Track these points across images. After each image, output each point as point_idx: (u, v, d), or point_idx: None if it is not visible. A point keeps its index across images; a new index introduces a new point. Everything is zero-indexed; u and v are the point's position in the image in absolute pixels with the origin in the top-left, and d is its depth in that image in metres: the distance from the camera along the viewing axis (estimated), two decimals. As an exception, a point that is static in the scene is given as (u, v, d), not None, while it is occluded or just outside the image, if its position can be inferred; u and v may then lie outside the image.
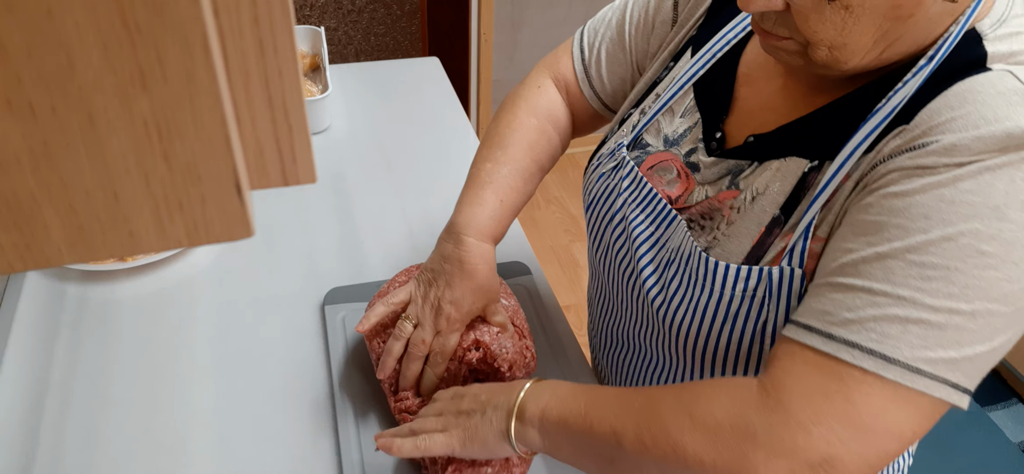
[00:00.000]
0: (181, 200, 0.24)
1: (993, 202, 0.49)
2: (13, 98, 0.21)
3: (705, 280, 0.65)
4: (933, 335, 0.50)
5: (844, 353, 0.52)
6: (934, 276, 0.50)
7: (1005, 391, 2.18)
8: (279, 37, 0.24)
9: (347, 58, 3.44)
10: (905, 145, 0.54)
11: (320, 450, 0.83)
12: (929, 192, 0.51)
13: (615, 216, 0.76)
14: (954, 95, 0.53)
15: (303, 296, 1.01)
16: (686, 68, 0.75)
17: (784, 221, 0.61)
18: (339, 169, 1.28)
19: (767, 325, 0.62)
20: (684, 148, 0.73)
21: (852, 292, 0.53)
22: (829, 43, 0.55)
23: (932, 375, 0.51)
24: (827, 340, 0.53)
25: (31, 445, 0.81)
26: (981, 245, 0.49)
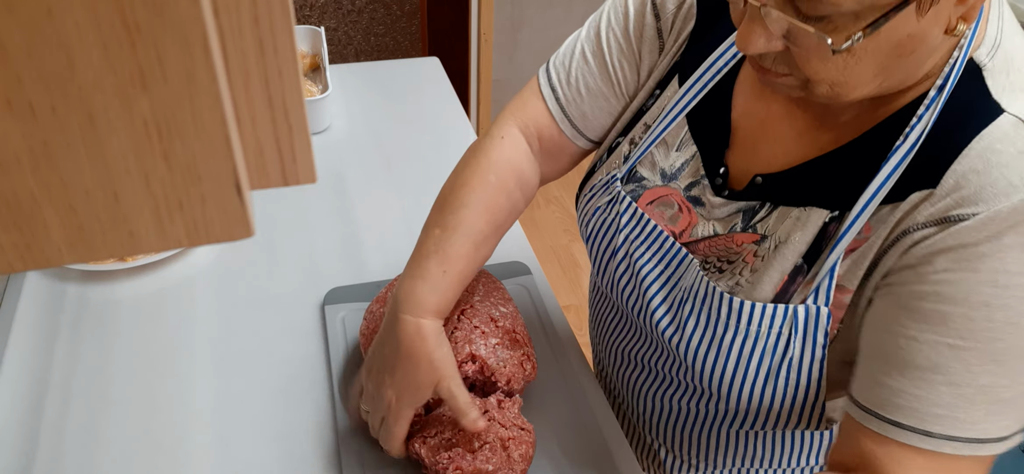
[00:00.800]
0: (181, 200, 0.24)
1: None
2: (13, 98, 0.21)
3: (727, 319, 0.66)
4: (1009, 408, 0.56)
5: (945, 447, 0.56)
6: (1007, 359, 0.54)
7: (1005, 391, 2.17)
8: (279, 37, 0.24)
9: (347, 58, 3.44)
10: (937, 216, 0.55)
11: (320, 450, 0.83)
12: (984, 278, 0.53)
13: (618, 252, 0.75)
14: (977, 157, 0.54)
15: (303, 296, 1.01)
16: (676, 98, 0.72)
17: (807, 269, 0.63)
18: (339, 169, 1.28)
19: (792, 362, 0.64)
20: (683, 182, 0.72)
21: (937, 388, 0.56)
22: (831, 81, 0.55)
23: (1010, 437, 0.57)
24: (925, 437, 0.57)
25: (31, 445, 0.81)
26: None
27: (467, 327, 0.81)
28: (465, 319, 0.82)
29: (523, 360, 0.82)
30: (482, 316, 0.83)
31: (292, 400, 0.88)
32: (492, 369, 0.80)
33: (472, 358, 0.80)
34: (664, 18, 0.74)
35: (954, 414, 0.56)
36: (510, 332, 0.83)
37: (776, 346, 0.64)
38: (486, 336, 0.81)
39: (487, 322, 0.82)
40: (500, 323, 0.83)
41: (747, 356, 0.65)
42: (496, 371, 0.80)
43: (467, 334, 0.81)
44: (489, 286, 0.88)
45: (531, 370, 0.83)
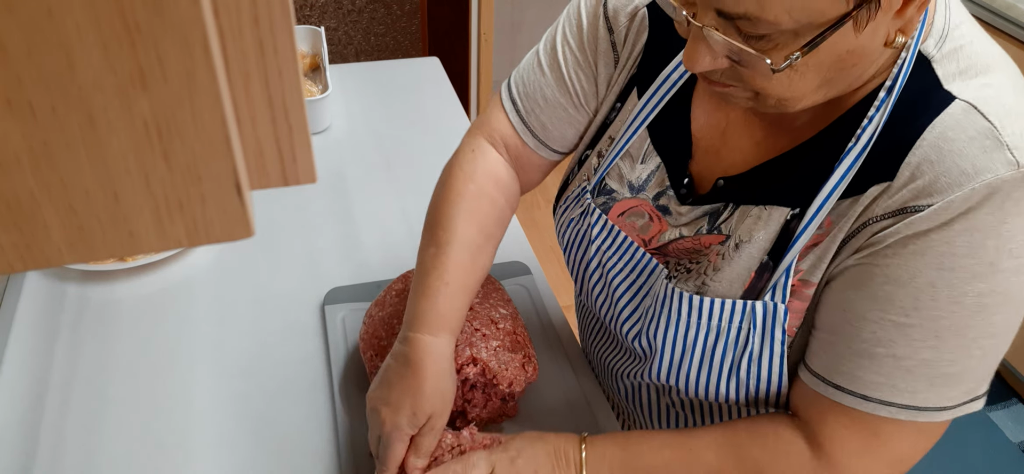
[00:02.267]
0: (181, 200, 0.24)
1: (987, 259, 0.55)
2: (13, 98, 0.21)
3: (689, 316, 0.68)
4: (953, 380, 0.59)
5: (881, 411, 0.60)
6: (949, 335, 0.57)
7: (1005, 391, 2.18)
8: (279, 37, 0.24)
9: (347, 58, 3.44)
10: (896, 206, 0.57)
11: (320, 450, 0.83)
12: (931, 262, 0.56)
13: (590, 263, 0.77)
14: (931, 147, 0.56)
15: (303, 296, 1.01)
16: (636, 110, 0.73)
17: (773, 266, 0.64)
18: (339, 169, 1.28)
19: (751, 354, 0.67)
20: (651, 193, 0.73)
21: (880, 360, 0.59)
22: (777, 96, 0.57)
23: (953, 406, 0.60)
24: (865, 401, 0.60)
25: (31, 445, 0.81)
26: (984, 300, 0.56)
27: (468, 330, 0.81)
28: (466, 322, 0.81)
29: (524, 362, 0.82)
30: (482, 318, 0.83)
31: (292, 400, 0.88)
32: (494, 372, 0.79)
33: (473, 361, 0.79)
34: (617, 31, 0.74)
35: (892, 382, 0.59)
36: (511, 334, 0.83)
37: (737, 342, 0.66)
38: (487, 338, 0.81)
39: (487, 324, 0.82)
40: (501, 325, 0.83)
41: (710, 351, 0.68)
42: (498, 374, 0.79)
43: (468, 337, 0.80)
44: (488, 288, 0.88)
45: (532, 372, 0.82)
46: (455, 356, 0.76)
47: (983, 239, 0.54)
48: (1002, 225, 0.54)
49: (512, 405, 0.84)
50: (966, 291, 0.55)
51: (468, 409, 0.82)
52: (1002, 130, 0.54)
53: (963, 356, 0.58)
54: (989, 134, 0.54)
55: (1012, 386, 2.19)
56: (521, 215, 2.72)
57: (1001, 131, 0.54)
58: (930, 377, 0.58)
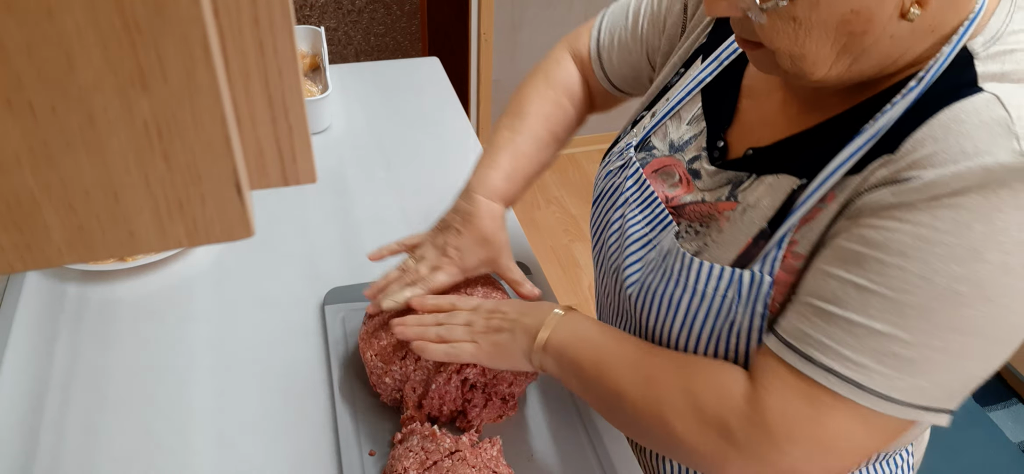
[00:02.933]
0: (181, 200, 0.24)
1: (970, 244, 0.50)
2: (13, 98, 0.21)
3: (679, 275, 0.67)
4: (906, 367, 0.53)
5: (821, 377, 0.56)
6: (911, 314, 0.52)
7: (1005, 391, 2.18)
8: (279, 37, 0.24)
9: (347, 58, 3.44)
10: (890, 177, 0.54)
11: (320, 450, 0.83)
12: (909, 230, 0.52)
13: (614, 213, 0.79)
14: (939, 124, 0.53)
15: (303, 296, 1.01)
16: (695, 74, 0.76)
17: (770, 234, 0.63)
18: (339, 169, 1.28)
19: (734, 326, 0.64)
20: (688, 155, 0.74)
21: (832, 320, 0.56)
22: (788, 53, 0.56)
23: (901, 401, 0.54)
24: (806, 362, 0.57)
25: (31, 445, 0.81)
26: (957, 286, 0.51)
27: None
28: None
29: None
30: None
31: (292, 400, 0.88)
32: (495, 372, 0.79)
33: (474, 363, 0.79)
34: (691, 4, 0.81)
35: (840, 348, 0.55)
36: None
37: (721, 309, 0.65)
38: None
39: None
40: None
41: (693, 314, 0.67)
42: (499, 374, 0.79)
43: None
44: (488, 289, 0.88)
45: (532, 372, 0.82)
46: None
47: (970, 221, 0.50)
48: (995, 213, 0.50)
49: (512, 405, 0.84)
50: (939, 269, 0.51)
51: (468, 409, 0.82)
52: (1017, 121, 0.51)
53: (922, 342, 0.52)
54: (1002, 122, 0.51)
55: (1012, 386, 2.19)
56: (521, 215, 2.72)
57: (1016, 122, 0.51)
58: (880, 353, 0.53)
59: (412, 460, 0.73)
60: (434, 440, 0.75)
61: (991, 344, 0.53)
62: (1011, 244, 0.50)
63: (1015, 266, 0.50)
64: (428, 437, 0.75)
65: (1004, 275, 0.50)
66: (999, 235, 0.50)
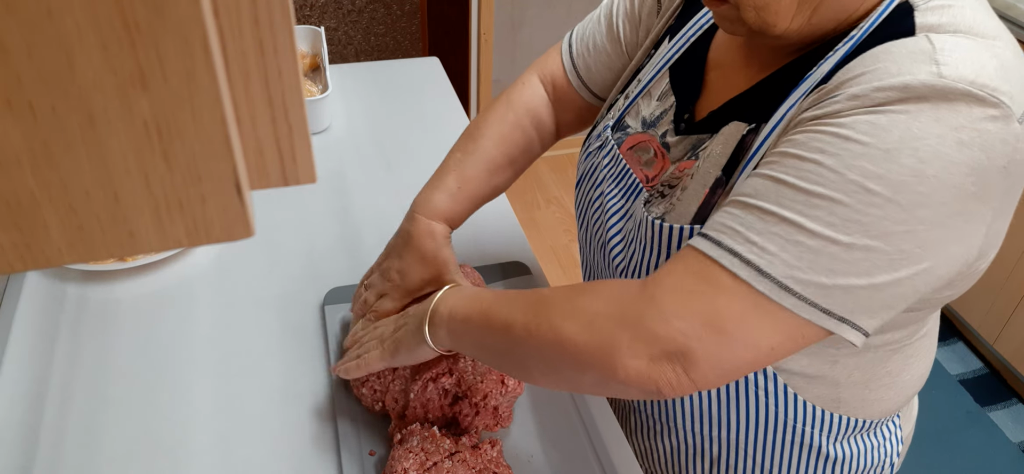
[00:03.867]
0: (181, 200, 0.24)
1: (886, 145, 0.51)
2: (13, 98, 0.21)
3: (654, 243, 0.69)
4: (807, 257, 0.53)
5: (723, 258, 0.55)
6: (819, 204, 0.53)
7: (1005, 391, 2.18)
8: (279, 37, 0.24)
9: (347, 58, 3.44)
10: (819, 99, 0.57)
11: (320, 450, 0.83)
12: (827, 129, 0.54)
13: (595, 191, 0.81)
14: (869, 56, 0.55)
15: (303, 296, 1.01)
16: (663, 53, 0.79)
17: (726, 182, 0.64)
18: (339, 169, 1.28)
19: None
20: (660, 129, 0.76)
21: (746, 209, 0.56)
22: (751, 3, 0.58)
23: (800, 295, 0.53)
24: (714, 245, 0.56)
25: (31, 445, 0.81)
26: (868, 182, 0.51)
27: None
28: None
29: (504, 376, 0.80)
30: None
31: (292, 400, 0.88)
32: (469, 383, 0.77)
33: (450, 371, 0.78)
34: None
35: (747, 233, 0.55)
36: None
37: None
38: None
39: None
40: None
41: None
42: (472, 386, 0.77)
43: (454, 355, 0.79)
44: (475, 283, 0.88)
45: (516, 385, 0.80)
46: (433, 362, 0.78)
47: (888, 125, 0.51)
48: (912, 121, 0.51)
49: (506, 416, 0.82)
50: (851, 165, 0.52)
51: (460, 419, 0.80)
52: (940, 52, 0.53)
53: (825, 234, 0.52)
54: (926, 51, 0.53)
55: (1012, 386, 2.19)
56: (521, 215, 2.72)
57: (938, 52, 0.53)
58: (785, 241, 0.53)
59: (412, 461, 0.73)
60: (434, 441, 0.75)
61: (898, 256, 0.53)
62: (926, 152, 0.51)
63: (929, 175, 0.51)
64: (428, 438, 0.75)
65: (916, 181, 0.51)
66: (915, 141, 0.51)
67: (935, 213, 0.52)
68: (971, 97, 0.51)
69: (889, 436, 0.81)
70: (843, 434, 0.76)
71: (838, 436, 0.76)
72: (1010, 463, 1.99)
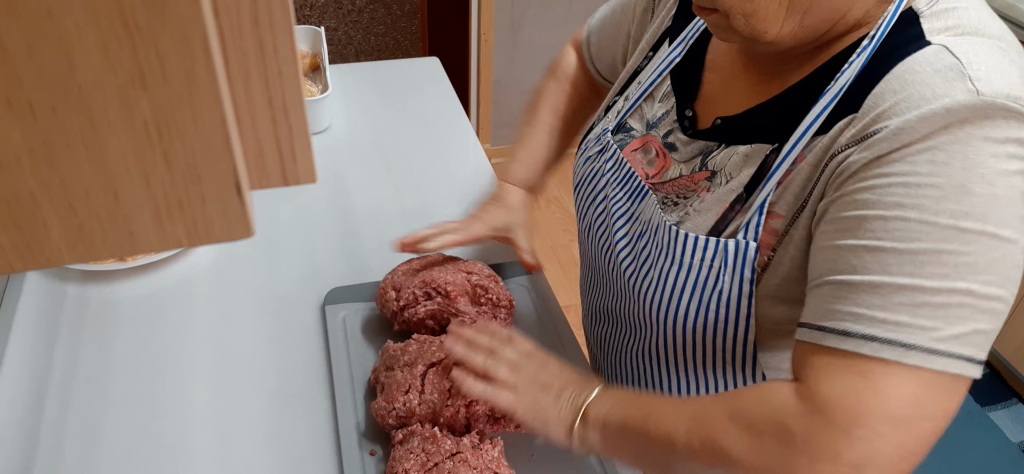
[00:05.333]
0: (181, 200, 0.24)
1: (957, 181, 0.52)
2: (13, 98, 0.21)
3: (669, 249, 0.69)
4: (940, 314, 0.53)
5: (864, 348, 0.54)
6: (926, 260, 0.53)
7: (1005, 391, 2.18)
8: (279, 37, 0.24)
9: (347, 58, 3.44)
10: (858, 135, 0.57)
11: (320, 450, 0.83)
12: (896, 181, 0.54)
13: (598, 195, 0.82)
14: (895, 78, 0.56)
15: (303, 296, 1.01)
16: (664, 56, 0.80)
17: (745, 199, 0.65)
18: (339, 169, 1.28)
19: (722, 295, 0.66)
20: (662, 130, 0.78)
21: (856, 289, 0.55)
22: (742, 12, 0.59)
23: (948, 354, 0.53)
24: (843, 337, 0.55)
25: (31, 445, 0.81)
26: (959, 222, 0.52)
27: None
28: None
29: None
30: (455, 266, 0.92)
31: (292, 400, 0.88)
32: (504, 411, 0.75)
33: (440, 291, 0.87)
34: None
35: (873, 313, 0.54)
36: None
37: (708, 278, 0.66)
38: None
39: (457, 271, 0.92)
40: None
41: (681, 285, 0.68)
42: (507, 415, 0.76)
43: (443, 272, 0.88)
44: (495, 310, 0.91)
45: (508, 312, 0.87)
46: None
47: (948, 159, 0.52)
48: (966, 148, 0.52)
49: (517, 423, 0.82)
50: (938, 210, 0.52)
51: (472, 423, 0.80)
52: (967, 65, 0.53)
53: (946, 286, 0.52)
54: (954, 67, 0.54)
55: (1012, 386, 2.19)
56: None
57: (966, 66, 0.53)
58: (912, 306, 0.53)
59: (413, 461, 0.73)
60: (435, 441, 0.75)
61: (1004, 279, 0.53)
62: (990, 174, 0.52)
63: (1002, 194, 0.52)
64: (429, 438, 0.75)
65: (994, 204, 0.52)
66: (977, 168, 0.52)
67: (1018, 228, 0.53)
68: (1009, 112, 0.52)
69: None
70: None
71: None
72: (1010, 463, 1.99)
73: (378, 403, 0.81)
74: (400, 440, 0.77)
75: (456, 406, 0.77)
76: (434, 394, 0.78)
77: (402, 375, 0.80)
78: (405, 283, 0.91)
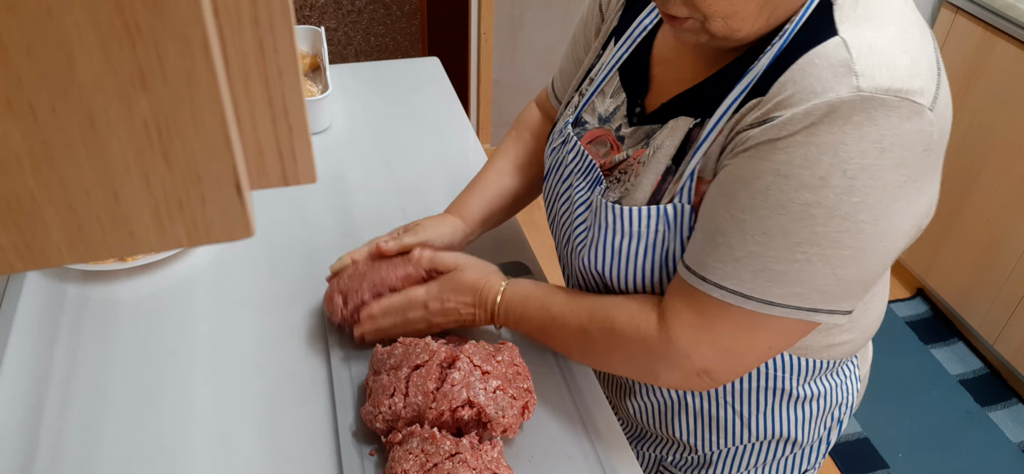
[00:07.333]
0: (181, 200, 0.24)
1: (819, 174, 0.60)
2: (13, 98, 0.21)
3: (615, 224, 0.76)
4: (778, 278, 0.65)
5: (713, 291, 0.68)
6: (775, 234, 0.63)
7: (1005, 391, 2.18)
8: (279, 37, 0.24)
9: (347, 58, 3.44)
10: (760, 118, 0.64)
11: (320, 450, 0.83)
12: (769, 167, 0.62)
13: (563, 185, 0.88)
14: (797, 69, 0.62)
15: (303, 296, 1.01)
16: (612, 54, 0.86)
17: (674, 169, 0.73)
18: (339, 169, 1.28)
19: (668, 255, 0.75)
20: (615, 124, 0.84)
21: (718, 246, 0.67)
22: (722, 14, 0.63)
23: (782, 304, 0.66)
24: (700, 281, 0.69)
25: (31, 445, 0.81)
26: (810, 209, 0.61)
27: (467, 367, 0.79)
28: (466, 359, 0.80)
29: (522, 408, 0.80)
30: (482, 354, 0.81)
31: (292, 400, 0.88)
32: (490, 417, 0.77)
33: (470, 403, 0.77)
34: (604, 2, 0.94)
35: (725, 268, 0.66)
36: (511, 365, 0.82)
37: (655, 243, 0.75)
38: (487, 377, 0.79)
39: (487, 360, 0.80)
40: (500, 357, 0.81)
41: (634, 255, 0.77)
42: (494, 420, 0.77)
43: (466, 376, 0.78)
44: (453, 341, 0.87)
45: (530, 411, 0.81)
46: (453, 397, 0.78)
47: (819, 154, 0.59)
48: (840, 145, 0.59)
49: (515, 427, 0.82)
50: (793, 198, 0.61)
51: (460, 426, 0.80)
52: (856, 62, 0.59)
53: (786, 257, 0.63)
54: (845, 63, 0.59)
55: (1012, 386, 2.19)
56: (521, 216, 2.72)
57: (855, 62, 0.59)
58: (755, 270, 0.65)
59: (412, 462, 0.73)
60: (434, 442, 0.75)
61: (852, 251, 0.63)
62: (854, 169, 0.59)
63: (859, 187, 0.60)
64: (428, 439, 0.75)
65: (849, 195, 0.60)
66: (844, 163, 0.59)
67: (872, 211, 0.61)
68: (887, 106, 0.58)
69: (849, 374, 0.90)
70: (809, 376, 0.85)
71: (805, 378, 0.85)
72: (1010, 463, 1.99)
73: (365, 408, 0.81)
74: (399, 440, 0.77)
75: (440, 409, 0.77)
76: (418, 396, 0.78)
77: (388, 379, 0.80)
78: (353, 287, 0.91)
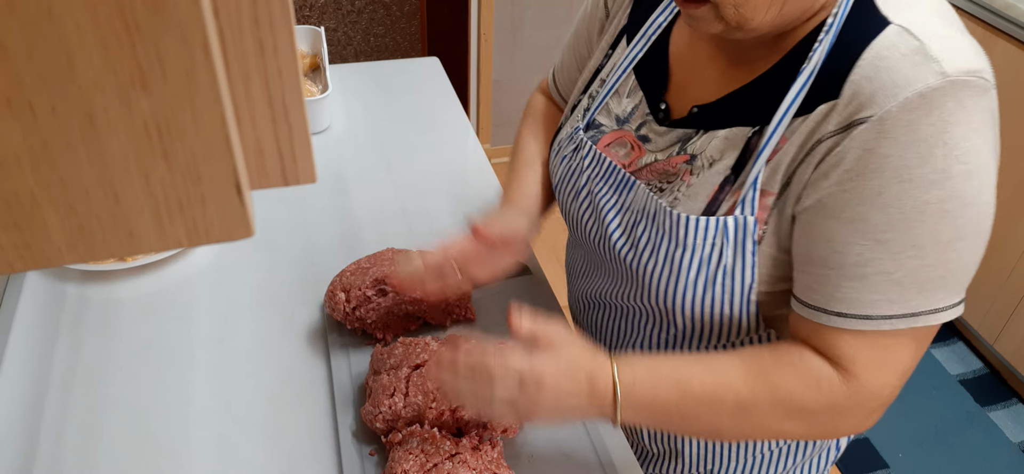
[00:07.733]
0: (181, 200, 0.24)
1: (939, 167, 0.59)
2: (13, 98, 0.21)
3: (671, 232, 0.73)
4: (941, 283, 0.63)
5: (885, 325, 0.65)
6: (925, 242, 0.61)
7: (1005, 391, 2.18)
8: (279, 37, 0.24)
9: (347, 58, 3.44)
10: (842, 122, 0.62)
11: (320, 450, 0.83)
12: (889, 177, 0.60)
13: (581, 191, 0.85)
14: (868, 64, 0.61)
15: (303, 296, 1.01)
16: (625, 54, 0.84)
17: (734, 180, 0.70)
18: (339, 169, 1.28)
19: (726, 269, 0.71)
20: (634, 124, 0.82)
21: (870, 280, 0.64)
22: (734, 2, 0.63)
23: (944, 309, 0.65)
24: (867, 320, 0.65)
25: (31, 445, 0.81)
26: (945, 205, 0.60)
27: None
28: None
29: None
30: None
31: (292, 400, 0.88)
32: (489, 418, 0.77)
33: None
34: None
35: (888, 296, 0.64)
36: None
37: (711, 256, 0.71)
38: None
39: None
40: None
41: (686, 266, 0.73)
42: (494, 420, 0.77)
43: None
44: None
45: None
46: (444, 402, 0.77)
47: (930, 148, 0.59)
48: (944, 133, 0.59)
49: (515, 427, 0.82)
50: (926, 200, 0.60)
51: (460, 426, 0.80)
52: (929, 47, 0.59)
53: (943, 260, 0.62)
54: (919, 50, 0.59)
55: (1012, 386, 2.19)
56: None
57: (929, 48, 0.59)
58: (919, 284, 0.63)
59: (412, 462, 0.73)
60: (434, 442, 0.75)
61: (985, 233, 0.63)
62: (963, 154, 0.59)
63: (973, 169, 0.60)
64: (428, 439, 0.75)
65: (969, 180, 0.60)
66: (954, 150, 0.59)
67: (989, 190, 0.62)
68: (970, 87, 0.58)
69: None
70: None
71: None
72: (1010, 463, 1.98)
73: (365, 408, 0.81)
74: (399, 440, 0.77)
75: (440, 408, 0.77)
76: (418, 396, 0.78)
77: (388, 379, 0.80)
78: (355, 283, 0.91)
